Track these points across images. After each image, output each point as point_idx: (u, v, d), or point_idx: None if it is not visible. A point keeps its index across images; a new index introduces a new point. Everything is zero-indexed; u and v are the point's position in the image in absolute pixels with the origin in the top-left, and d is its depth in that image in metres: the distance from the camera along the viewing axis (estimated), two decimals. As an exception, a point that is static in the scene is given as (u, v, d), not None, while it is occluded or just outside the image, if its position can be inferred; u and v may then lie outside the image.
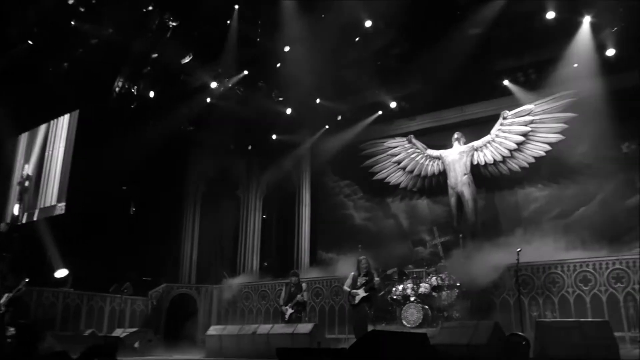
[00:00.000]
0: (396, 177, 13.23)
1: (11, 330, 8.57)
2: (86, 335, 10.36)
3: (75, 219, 12.88)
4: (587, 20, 10.15)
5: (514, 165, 11.71)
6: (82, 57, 11.74)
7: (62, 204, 13.25)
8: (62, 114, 14.06)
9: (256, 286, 12.67)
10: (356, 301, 8.73)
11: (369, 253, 10.31)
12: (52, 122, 14.41)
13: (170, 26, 11.05)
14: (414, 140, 12.95)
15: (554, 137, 11.27)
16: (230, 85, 12.69)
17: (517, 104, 11.75)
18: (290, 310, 9.73)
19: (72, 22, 10.90)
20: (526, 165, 11.59)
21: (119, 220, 13.80)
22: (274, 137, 14.24)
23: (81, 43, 11.59)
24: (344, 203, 14.08)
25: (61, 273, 12.42)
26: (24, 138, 15.18)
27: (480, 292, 9.49)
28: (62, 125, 14.14)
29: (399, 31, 10.95)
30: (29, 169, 14.84)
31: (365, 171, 13.64)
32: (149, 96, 12.90)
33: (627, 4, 9.50)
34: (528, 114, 11.59)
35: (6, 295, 9.36)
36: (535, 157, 11.48)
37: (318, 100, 13.13)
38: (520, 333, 7.59)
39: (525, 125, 11.59)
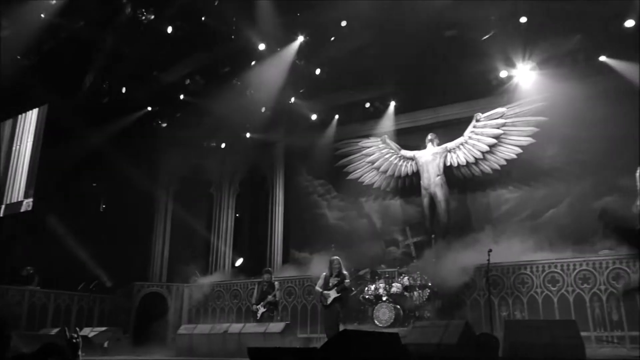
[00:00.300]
0: (370, 177, 13.27)
1: None
2: (53, 334, 10.13)
3: (42, 214, 12.60)
4: (557, 25, 10.30)
5: (486, 167, 11.86)
6: (52, 51, 11.47)
7: (30, 200, 12.95)
8: (30, 108, 13.74)
9: (228, 285, 12.58)
10: (328, 302, 8.74)
11: (342, 252, 10.34)
12: (19, 116, 14.07)
13: (144, 21, 10.88)
14: (388, 141, 13.02)
15: (525, 140, 11.45)
16: (203, 82, 12.56)
17: (490, 106, 11.92)
18: (262, 309, 9.69)
19: (42, 15, 10.63)
20: (498, 167, 11.75)
21: (89, 217, 13.54)
22: (248, 135, 14.16)
23: (51, 37, 11.32)
24: (317, 202, 14.07)
25: (28, 270, 12.13)
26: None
27: (451, 292, 9.59)
28: (30, 120, 13.82)
29: (374, 31, 10.97)
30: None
31: (339, 171, 13.66)
32: (120, 92, 12.68)
33: (595, 11, 9.70)
34: (500, 117, 11.75)
35: None
36: (506, 160, 11.65)
37: (293, 99, 13.10)
38: (489, 333, 7.70)
39: (498, 128, 11.75)
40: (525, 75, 11.30)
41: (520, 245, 10.01)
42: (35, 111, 13.70)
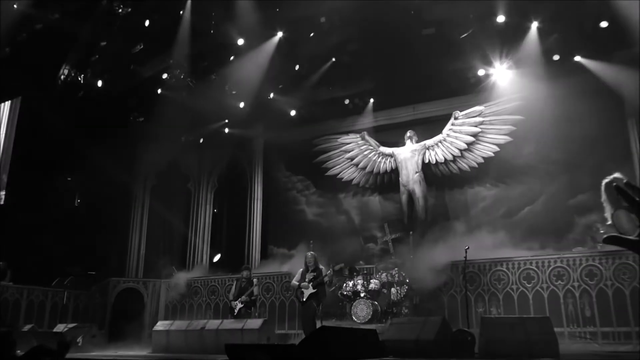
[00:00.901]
0: (349, 174, 13.30)
1: None
2: (25, 330, 9.95)
3: (15, 209, 12.36)
4: (534, 25, 10.46)
5: (464, 164, 11.97)
6: (26, 43, 11.22)
7: (2, 193, 12.69)
8: (3, 100, 13.44)
9: (206, 281, 12.50)
10: (304, 298, 8.75)
11: (321, 249, 10.36)
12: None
13: (120, 14, 10.71)
14: (367, 137, 13.05)
15: (502, 139, 11.59)
16: (182, 76, 12.42)
17: (468, 104, 12.02)
18: (239, 305, 9.66)
19: (15, 6, 10.40)
20: (475, 165, 11.86)
21: (63, 211, 13.32)
22: (226, 130, 14.07)
23: (25, 28, 11.08)
24: (296, 198, 14.05)
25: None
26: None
27: (428, 289, 9.66)
28: (3, 111, 13.53)
29: (353, 28, 10.97)
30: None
31: (318, 167, 13.65)
32: (96, 85, 12.48)
33: (570, 12, 9.85)
34: (478, 115, 11.87)
35: None
36: (484, 158, 11.78)
37: (272, 95, 13.04)
38: (466, 329, 7.79)
39: (476, 126, 11.87)
40: (502, 74, 11.44)
41: (497, 242, 10.13)
42: (7, 103, 13.40)
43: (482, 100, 11.87)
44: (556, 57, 10.77)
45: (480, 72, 11.54)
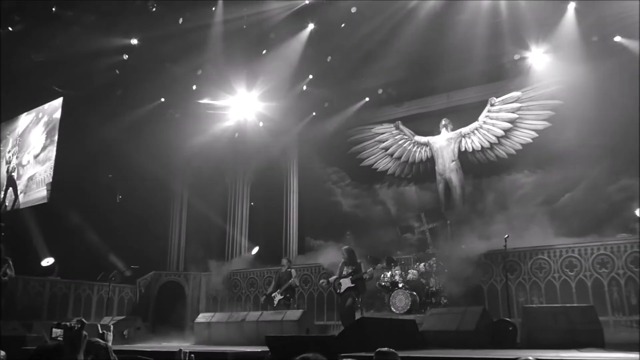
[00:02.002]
0: (384, 164, 13.25)
1: None
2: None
3: (60, 206, 12.76)
4: (571, 6, 10.16)
5: (501, 151, 11.78)
6: (63, 45, 11.49)
7: (47, 191, 13.11)
8: (45, 102, 13.87)
9: (245, 273, 12.67)
10: (341, 290, 8.78)
11: (357, 240, 10.37)
12: (36, 109, 14.22)
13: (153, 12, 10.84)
14: (401, 127, 12.97)
15: (541, 124, 11.35)
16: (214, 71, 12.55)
17: (503, 90, 11.79)
18: (279, 297, 9.76)
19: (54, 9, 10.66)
20: (513, 152, 11.66)
21: (106, 208, 13.68)
22: (260, 124, 14.16)
23: (62, 30, 11.33)
24: (331, 190, 14.08)
25: (47, 261, 12.35)
26: (5, 127, 14.96)
27: (468, 278, 9.56)
28: (46, 113, 13.95)
29: (385, 17, 10.85)
30: (13, 157, 14.66)
31: (352, 158, 13.64)
32: (133, 83, 12.73)
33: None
34: (515, 101, 11.64)
35: None
36: (522, 144, 11.55)
37: (304, 87, 13.06)
38: (507, 319, 7.71)
39: (513, 112, 11.66)
40: (539, 58, 11.17)
41: (537, 230, 9.95)
42: (49, 104, 13.81)
43: (518, 86, 11.64)
44: (595, 38, 10.44)
45: (516, 57, 11.28)
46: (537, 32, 10.74)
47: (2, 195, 14.47)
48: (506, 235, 8.68)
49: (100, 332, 2.92)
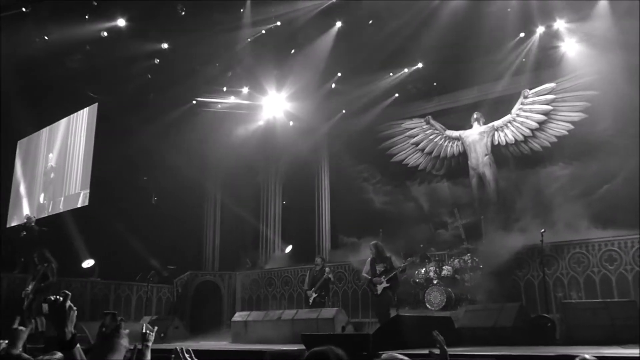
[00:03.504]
0: (415, 159, 13.17)
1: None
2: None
3: (99, 209, 13.08)
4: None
5: (535, 144, 11.58)
6: (95, 51, 11.73)
7: (86, 194, 13.45)
8: (81, 107, 14.23)
9: (279, 272, 12.77)
10: (378, 292, 8.76)
11: (391, 237, 10.33)
12: (72, 115, 14.60)
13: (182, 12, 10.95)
14: (432, 121, 12.86)
15: (576, 116, 11.12)
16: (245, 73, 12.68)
17: (536, 82, 11.58)
18: (314, 295, 9.82)
19: (87, 17, 10.89)
20: (548, 144, 11.45)
21: (142, 210, 13.97)
22: (290, 123, 14.23)
23: (92, 37, 11.55)
24: (363, 187, 14.06)
25: (88, 263, 12.68)
26: (45, 133, 15.42)
27: (503, 274, 9.44)
28: (83, 118, 14.31)
29: (413, 11, 10.76)
30: (52, 161, 15.10)
31: (382, 154, 13.59)
32: (165, 86, 12.95)
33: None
34: (549, 93, 11.42)
35: (32, 284, 9.57)
36: (557, 136, 11.34)
37: (333, 85, 13.06)
38: (545, 315, 7.59)
39: (547, 104, 11.44)
40: (572, 48, 10.91)
41: (574, 223, 9.75)
42: (86, 110, 14.17)
43: (552, 77, 11.41)
44: (629, 25, 10.13)
45: (549, 47, 11.05)
46: (569, 20, 10.50)
47: (42, 200, 14.93)
48: (542, 230, 8.53)
49: (144, 331, 2.97)
